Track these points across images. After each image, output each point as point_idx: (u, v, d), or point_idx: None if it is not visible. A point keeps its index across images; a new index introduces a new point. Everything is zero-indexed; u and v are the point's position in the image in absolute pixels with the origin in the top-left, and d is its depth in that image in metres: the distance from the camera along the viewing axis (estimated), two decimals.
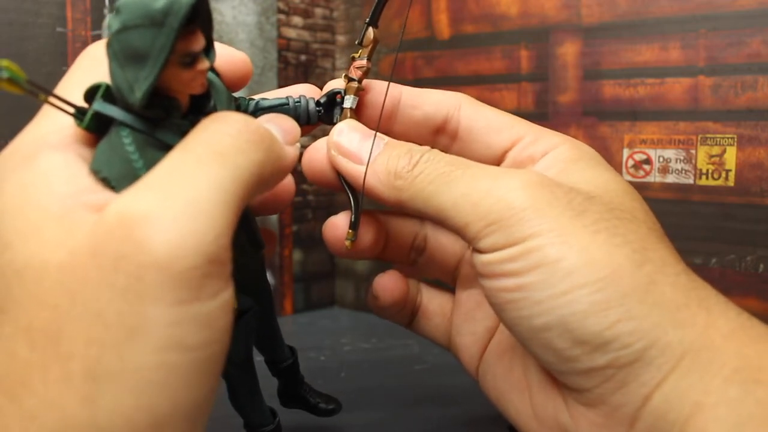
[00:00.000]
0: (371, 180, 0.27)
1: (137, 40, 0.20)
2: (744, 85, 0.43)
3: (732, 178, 0.44)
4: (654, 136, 0.46)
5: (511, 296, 0.24)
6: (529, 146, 0.29)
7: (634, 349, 0.22)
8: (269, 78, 0.58)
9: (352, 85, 0.29)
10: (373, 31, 0.29)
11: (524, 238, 0.24)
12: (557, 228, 0.23)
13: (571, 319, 0.23)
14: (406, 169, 0.26)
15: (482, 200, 0.24)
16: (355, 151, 0.28)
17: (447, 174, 0.26)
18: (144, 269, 0.18)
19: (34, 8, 0.45)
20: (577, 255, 0.23)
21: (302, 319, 0.60)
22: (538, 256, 0.23)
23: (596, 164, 0.28)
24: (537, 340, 0.24)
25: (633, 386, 0.23)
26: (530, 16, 0.51)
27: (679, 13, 0.45)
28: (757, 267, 0.43)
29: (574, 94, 0.49)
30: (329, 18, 0.62)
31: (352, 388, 0.43)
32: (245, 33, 0.56)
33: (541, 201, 0.24)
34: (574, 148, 0.28)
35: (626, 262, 0.23)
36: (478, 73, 0.54)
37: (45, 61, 0.46)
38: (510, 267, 0.24)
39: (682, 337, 0.22)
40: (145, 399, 0.18)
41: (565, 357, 0.24)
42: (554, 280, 0.23)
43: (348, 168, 0.28)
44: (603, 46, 0.48)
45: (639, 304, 0.23)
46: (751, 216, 0.43)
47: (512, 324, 0.25)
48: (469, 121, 0.30)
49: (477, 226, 0.24)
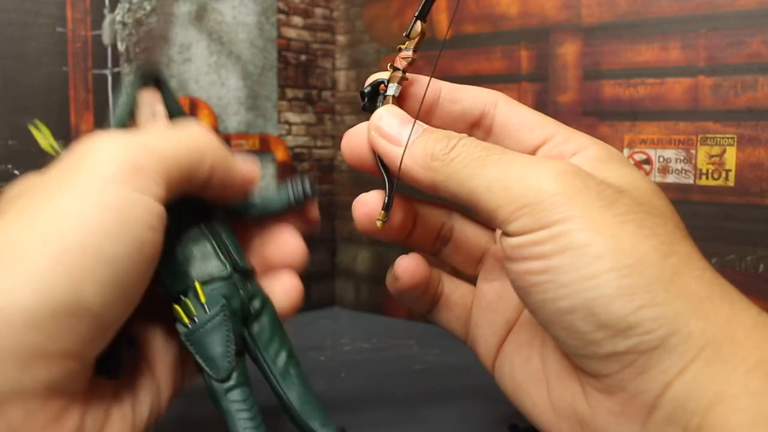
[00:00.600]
0: (408, 161, 0.28)
1: None
2: (744, 85, 0.43)
3: (732, 178, 0.44)
4: (654, 136, 0.46)
5: (537, 279, 0.25)
6: (560, 145, 0.30)
7: (656, 335, 0.23)
8: (269, 78, 0.58)
9: (397, 74, 0.31)
10: (421, 25, 0.31)
11: (553, 223, 0.24)
12: (587, 215, 0.24)
13: (596, 303, 0.23)
14: (443, 151, 0.27)
15: (515, 185, 0.25)
16: (395, 134, 0.29)
17: (482, 158, 0.26)
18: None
19: (34, 8, 0.45)
20: (605, 241, 0.24)
21: (302, 319, 0.60)
22: (567, 240, 0.24)
23: (626, 164, 0.29)
24: (561, 323, 0.24)
25: (653, 373, 0.23)
26: (530, 16, 0.51)
27: (679, 13, 0.45)
28: (757, 267, 0.43)
29: (574, 94, 0.49)
30: (329, 18, 0.62)
31: (352, 388, 0.43)
32: (245, 33, 0.56)
33: (572, 189, 0.25)
34: (603, 149, 0.29)
35: (653, 252, 0.24)
36: (478, 73, 0.54)
37: (45, 61, 0.46)
38: (538, 250, 0.24)
39: (705, 328, 0.23)
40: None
41: (588, 340, 0.24)
42: (581, 264, 0.23)
43: (386, 149, 0.29)
44: (603, 46, 0.48)
45: (664, 292, 0.23)
46: (751, 216, 0.43)
47: (537, 307, 0.25)
48: (503, 117, 0.31)
49: (508, 210, 0.25)
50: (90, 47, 0.48)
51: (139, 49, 0.50)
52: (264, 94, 0.58)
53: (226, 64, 0.55)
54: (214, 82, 0.55)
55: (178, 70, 0.53)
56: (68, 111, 0.47)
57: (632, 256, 0.23)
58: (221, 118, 0.55)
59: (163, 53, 0.52)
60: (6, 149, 0.44)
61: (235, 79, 0.56)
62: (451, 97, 0.31)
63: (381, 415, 0.38)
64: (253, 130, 0.57)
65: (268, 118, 0.58)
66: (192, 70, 0.53)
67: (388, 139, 0.29)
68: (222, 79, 0.55)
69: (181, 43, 0.53)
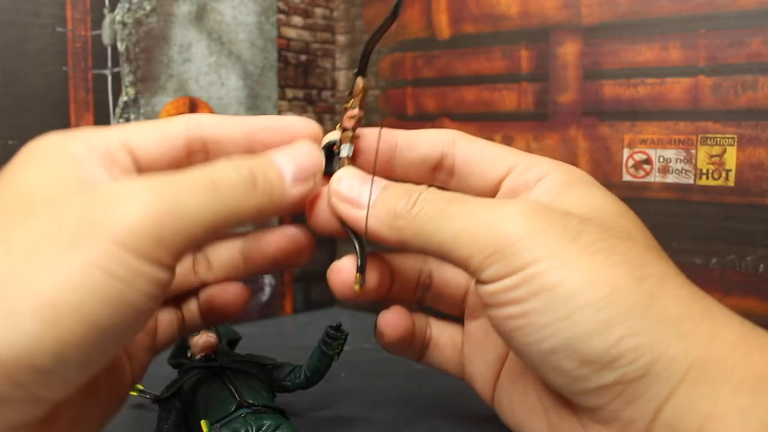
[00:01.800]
0: (373, 222, 0.28)
1: None
2: (744, 85, 0.43)
3: (732, 178, 0.43)
4: (654, 136, 0.46)
5: (516, 323, 0.24)
6: (523, 173, 0.30)
7: (640, 364, 0.23)
8: (269, 78, 0.58)
9: (347, 134, 0.30)
10: (362, 81, 0.30)
11: (525, 266, 0.24)
12: (555, 253, 0.24)
13: (577, 340, 0.23)
14: (405, 208, 0.27)
15: (481, 232, 0.25)
16: (355, 197, 0.29)
17: (444, 210, 0.26)
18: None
19: (33, 8, 0.45)
20: (576, 277, 0.23)
21: (302, 319, 0.60)
22: (539, 281, 0.24)
23: (589, 187, 0.29)
24: (546, 363, 0.24)
25: (643, 400, 0.23)
26: (530, 16, 0.51)
27: (679, 13, 0.45)
28: (757, 267, 0.43)
29: (574, 94, 0.49)
30: (329, 18, 0.62)
31: (352, 388, 0.42)
32: (245, 33, 0.56)
33: (537, 228, 0.24)
34: (566, 173, 0.29)
35: (625, 279, 0.24)
36: (478, 73, 0.54)
37: (45, 61, 0.46)
38: (513, 295, 0.24)
39: (688, 349, 0.23)
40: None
41: (574, 377, 0.24)
42: (557, 304, 0.23)
43: (350, 213, 0.29)
44: (603, 46, 0.48)
45: (641, 319, 0.23)
46: (751, 216, 0.43)
47: (521, 350, 0.25)
48: (464, 155, 0.31)
49: (478, 258, 0.25)
50: (90, 47, 0.48)
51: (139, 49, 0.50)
52: (264, 94, 0.58)
53: (226, 63, 0.55)
54: (214, 81, 0.55)
55: (178, 70, 0.53)
56: (68, 111, 0.47)
57: (605, 287, 0.23)
58: None
59: (163, 54, 0.52)
60: (6, 149, 0.44)
61: (235, 79, 0.56)
62: (408, 144, 0.31)
63: (381, 415, 0.38)
64: None
65: None
66: (192, 70, 0.53)
67: (350, 202, 0.29)
68: (222, 78, 0.55)
69: (181, 43, 0.53)
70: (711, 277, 0.44)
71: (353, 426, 0.37)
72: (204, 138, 0.28)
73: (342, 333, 0.34)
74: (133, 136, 0.27)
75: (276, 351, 0.39)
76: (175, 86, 0.52)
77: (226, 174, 0.25)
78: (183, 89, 0.53)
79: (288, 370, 0.36)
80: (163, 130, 0.28)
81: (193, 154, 0.28)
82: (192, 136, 0.28)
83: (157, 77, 0.52)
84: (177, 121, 0.28)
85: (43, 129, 0.46)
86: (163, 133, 0.28)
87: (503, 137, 0.53)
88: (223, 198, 0.24)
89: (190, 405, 0.34)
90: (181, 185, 0.23)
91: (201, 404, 0.33)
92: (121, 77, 0.50)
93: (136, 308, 0.22)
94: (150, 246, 0.22)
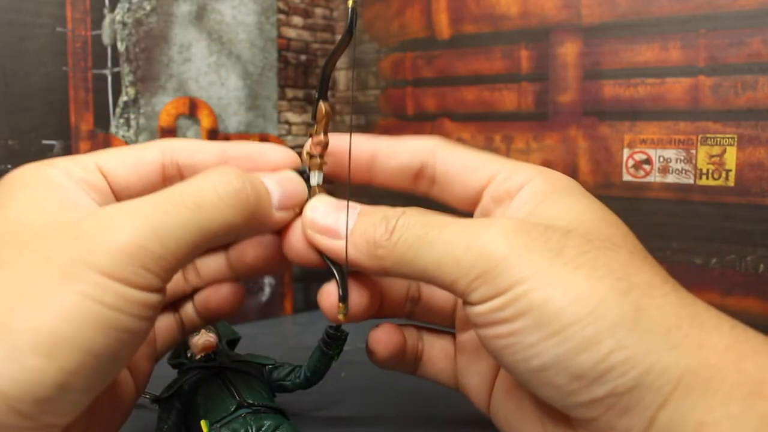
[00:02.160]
0: (352, 253, 0.27)
1: None
2: (744, 85, 0.43)
3: (732, 178, 0.43)
4: (654, 136, 0.46)
5: (505, 342, 0.25)
6: (505, 181, 0.29)
7: (630, 377, 0.23)
8: (269, 78, 0.58)
9: (315, 162, 0.30)
10: (324, 105, 0.29)
11: (510, 286, 0.24)
12: (539, 271, 0.24)
13: (565, 357, 0.23)
14: (384, 237, 0.27)
15: (464, 256, 0.25)
16: (331, 226, 0.28)
17: (424, 236, 0.26)
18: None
19: (33, 8, 0.45)
20: (561, 294, 0.23)
21: (302, 319, 0.60)
22: (525, 301, 0.24)
23: (570, 194, 0.28)
24: (536, 379, 0.24)
25: (636, 411, 0.23)
26: (530, 16, 0.51)
27: (679, 13, 0.45)
28: (757, 267, 0.43)
29: (574, 94, 0.49)
30: (329, 18, 0.62)
31: (352, 388, 0.42)
32: (245, 33, 0.56)
33: (519, 247, 0.24)
34: (547, 181, 0.29)
35: (611, 292, 0.24)
36: (478, 73, 0.54)
37: (44, 61, 0.46)
38: (501, 315, 0.24)
39: (678, 359, 0.23)
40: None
41: (565, 392, 0.24)
42: (544, 323, 0.23)
43: (327, 245, 0.28)
44: (603, 46, 0.48)
45: (629, 332, 0.23)
46: (751, 216, 0.43)
47: (511, 367, 0.25)
48: (445, 164, 0.31)
49: (464, 282, 0.25)
50: (90, 47, 0.48)
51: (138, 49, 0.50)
52: (264, 94, 0.58)
53: (226, 64, 0.55)
54: (214, 82, 0.55)
55: (178, 70, 0.53)
56: (68, 111, 0.47)
57: (591, 303, 0.23)
58: (221, 118, 0.55)
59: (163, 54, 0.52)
60: (6, 149, 0.44)
61: (235, 79, 0.56)
62: (389, 153, 0.31)
63: (381, 416, 0.38)
64: (252, 131, 0.57)
65: (268, 118, 0.58)
66: (192, 70, 0.53)
67: (326, 233, 0.28)
68: (222, 79, 0.55)
69: (181, 43, 0.53)
70: (711, 277, 0.44)
71: (353, 426, 0.37)
72: (179, 164, 0.28)
73: (342, 333, 0.34)
74: (108, 161, 0.27)
75: (276, 351, 0.39)
76: (175, 86, 0.52)
77: (212, 188, 0.25)
78: (183, 89, 0.53)
79: (288, 370, 0.36)
80: (138, 155, 0.28)
81: (170, 179, 0.28)
82: (167, 162, 0.28)
83: (157, 77, 0.52)
84: (151, 147, 0.28)
85: (42, 129, 0.47)
86: (138, 159, 0.28)
87: (503, 137, 0.53)
88: (207, 216, 0.24)
89: (190, 405, 0.34)
90: (164, 208, 0.23)
91: (201, 404, 0.33)
92: (121, 77, 0.50)
93: (131, 332, 0.22)
94: (136, 273, 0.22)
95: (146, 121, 0.51)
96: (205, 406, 0.33)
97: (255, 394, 0.33)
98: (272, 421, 0.31)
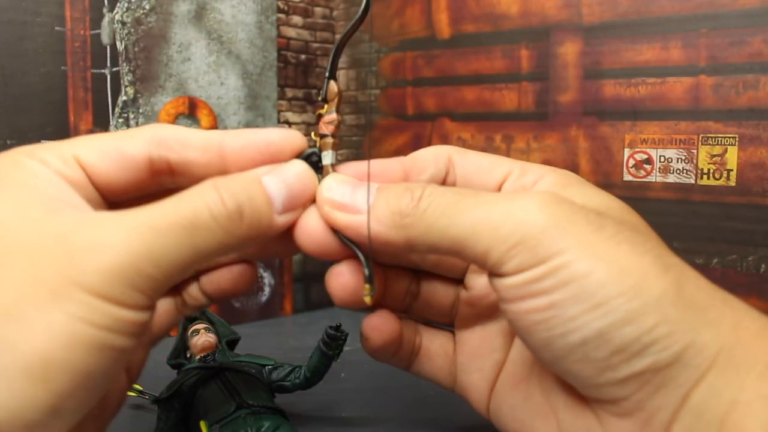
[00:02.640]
0: (376, 227, 0.26)
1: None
2: (745, 85, 0.43)
3: (733, 177, 0.43)
4: (655, 136, 0.46)
5: (541, 316, 0.24)
6: (519, 179, 0.29)
7: (672, 351, 0.23)
8: (269, 77, 0.58)
9: (327, 141, 0.28)
10: (335, 84, 0.28)
11: (551, 256, 0.23)
12: (581, 243, 0.23)
13: (609, 329, 0.23)
14: (410, 206, 0.25)
15: (503, 223, 0.24)
16: (350, 202, 0.26)
17: (458, 202, 0.25)
18: None
19: (32, 7, 0.45)
20: (606, 267, 0.23)
21: (302, 319, 0.60)
22: (567, 272, 0.23)
23: (587, 186, 0.28)
24: (572, 355, 0.24)
25: (671, 387, 0.23)
26: (531, 16, 0.51)
27: (680, 12, 0.45)
28: (758, 267, 0.43)
29: (574, 93, 0.49)
30: (329, 17, 0.62)
31: (352, 388, 0.42)
32: (245, 32, 0.56)
33: (561, 218, 0.24)
34: (561, 176, 0.29)
35: (653, 268, 0.23)
36: (478, 73, 0.54)
37: (43, 60, 0.46)
38: (538, 287, 0.24)
39: (716, 336, 0.23)
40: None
41: (602, 367, 0.24)
42: (587, 294, 0.23)
43: (347, 221, 0.26)
44: (604, 46, 0.48)
45: (672, 306, 0.23)
46: (752, 216, 0.43)
47: (543, 345, 0.24)
48: (462, 169, 0.30)
49: (499, 250, 0.24)
50: (89, 46, 0.48)
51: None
52: (264, 94, 0.58)
53: (226, 63, 0.55)
54: (214, 81, 0.54)
55: (177, 70, 0.52)
56: (67, 111, 0.47)
57: (635, 276, 0.23)
58: (221, 118, 0.55)
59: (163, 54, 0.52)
60: (5, 149, 0.44)
61: (234, 79, 0.56)
62: (417, 168, 0.29)
63: (381, 416, 0.38)
64: None
65: (267, 118, 0.58)
66: (191, 70, 0.53)
67: (345, 209, 0.26)
68: (221, 78, 0.55)
69: (180, 43, 0.52)
70: (712, 278, 0.44)
71: (353, 427, 0.37)
72: (169, 160, 0.26)
73: (342, 333, 0.34)
74: (87, 154, 0.25)
75: (276, 351, 0.39)
76: (175, 86, 0.52)
77: (207, 209, 0.23)
78: (182, 89, 0.53)
79: (288, 370, 0.36)
80: (120, 148, 0.26)
81: (158, 174, 0.26)
82: (155, 155, 0.26)
83: (157, 77, 0.51)
84: (136, 138, 0.26)
85: (41, 129, 0.46)
86: (120, 152, 0.25)
87: (503, 137, 0.53)
88: (203, 238, 0.23)
89: (190, 406, 0.34)
90: (158, 227, 0.22)
91: (200, 405, 0.33)
92: (120, 77, 0.50)
93: (122, 350, 0.22)
94: (127, 293, 0.21)
95: (145, 120, 0.51)
96: (205, 407, 0.32)
97: (254, 394, 0.33)
98: (272, 422, 0.31)
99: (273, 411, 0.32)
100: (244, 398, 0.32)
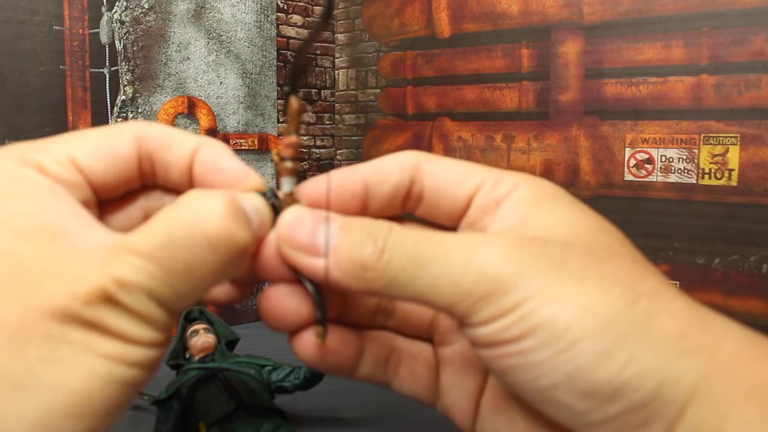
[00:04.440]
0: (336, 273, 0.25)
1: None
2: (747, 84, 0.42)
3: (735, 177, 0.43)
4: (656, 136, 0.46)
5: (512, 362, 0.24)
6: (492, 190, 0.28)
7: (646, 390, 0.22)
8: (268, 77, 0.58)
9: (287, 166, 0.25)
10: (296, 100, 0.25)
11: (516, 305, 0.23)
12: (545, 287, 0.23)
13: (578, 374, 0.23)
14: (373, 257, 0.24)
15: (463, 278, 0.24)
16: (310, 242, 0.25)
17: (419, 256, 0.24)
18: None
19: (31, 6, 0.45)
20: (570, 309, 0.23)
21: None
22: (533, 319, 0.23)
23: (558, 202, 0.27)
24: (546, 399, 0.24)
25: (653, 425, 0.23)
26: (531, 15, 0.51)
27: (681, 12, 0.44)
28: (760, 267, 0.43)
29: (575, 92, 0.49)
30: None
31: (351, 389, 0.42)
32: (244, 31, 0.56)
33: (522, 264, 0.23)
34: (534, 188, 0.28)
35: (619, 302, 0.23)
36: (478, 72, 0.54)
37: (42, 59, 0.46)
38: (507, 335, 0.23)
39: (692, 366, 0.22)
40: None
41: (577, 412, 0.23)
42: (553, 339, 0.23)
43: (306, 263, 0.25)
44: (605, 45, 0.47)
45: (641, 342, 0.22)
46: (754, 216, 0.43)
47: (519, 387, 0.24)
48: (431, 177, 0.29)
49: (464, 305, 0.24)
50: (87, 45, 0.48)
51: None
52: (263, 93, 0.57)
53: (225, 62, 0.55)
54: (213, 80, 0.54)
55: (176, 69, 0.52)
56: (66, 110, 0.47)
57: (600, 315, 0.22)
58: (220, 117, 0.55)
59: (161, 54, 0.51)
60: None
61: (233, 78, 0.55)
62: (378, 178, 0.28)
63: (381, 416, 0.38)
64: (251, 130, 0.57)
65: (267, 117, 0.58)
66: (191, 69, 0.53)
67: (305, 250, 0.25)
68: (221, 77, 0.55)
69: (179, 42, 0.52)
70: (714, 278, 0.44)
71: (353, 427, 0.37)
72: (153, 160, 0.26)
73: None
74: (83, 156, 0.25)
75: (275, 352, 0.39)
76: (174, 85, 0.52)
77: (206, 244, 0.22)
78: (181, 88, 0.52)
79: (287, 371, 0.36)
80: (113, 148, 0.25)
81: (144, 174, 0.26)
82: (143, 154, 0.26)
83: (156, 76, 0.51)
84: (126, 136, 0.25)
85: (40, 128, 0.46)
86: (114, 153, 0.25)
87: (504, 136, 0.53)
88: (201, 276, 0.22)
89: (189, 406, 0.33)
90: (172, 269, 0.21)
91: (199, 406, 0.33)
92: (119, 76, 0.50)
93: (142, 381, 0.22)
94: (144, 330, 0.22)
95: (144, 120, 0.51)
96: (204, 408, 0.32)
97: (254, 395, 0.33)
98: (271, 423, 0.31)
99: (272, 412, 0.32)
100: (244, 399, 0.32)
